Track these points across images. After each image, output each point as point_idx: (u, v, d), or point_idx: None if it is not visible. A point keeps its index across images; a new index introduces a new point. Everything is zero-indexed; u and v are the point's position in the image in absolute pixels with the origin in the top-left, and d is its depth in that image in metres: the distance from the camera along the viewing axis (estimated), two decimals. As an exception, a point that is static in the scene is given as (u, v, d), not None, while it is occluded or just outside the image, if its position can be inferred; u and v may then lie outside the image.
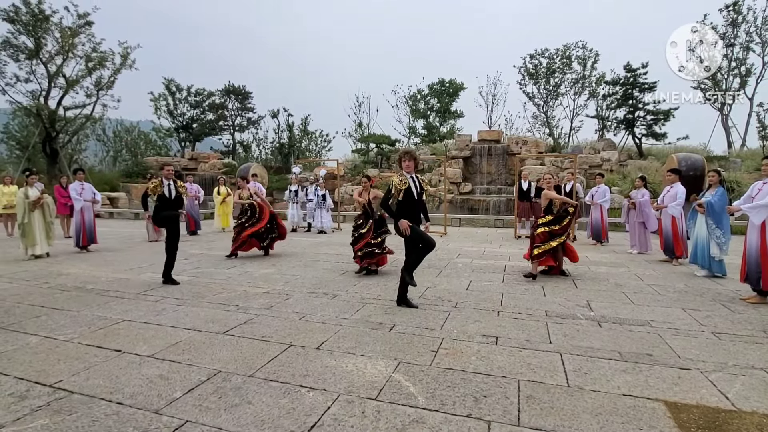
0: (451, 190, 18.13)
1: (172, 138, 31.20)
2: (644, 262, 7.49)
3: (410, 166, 4.60)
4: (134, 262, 7.62)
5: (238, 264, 7.37)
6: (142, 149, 30.60)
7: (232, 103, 31.54)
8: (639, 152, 19.74)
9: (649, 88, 19.02)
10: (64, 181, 11.45)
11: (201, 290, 5.51)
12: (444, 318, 4.30)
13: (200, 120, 30.62)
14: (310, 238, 11.33)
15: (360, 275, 6.39)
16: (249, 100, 31.81)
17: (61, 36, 21.98)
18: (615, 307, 4.71)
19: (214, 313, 4.50)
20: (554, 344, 3.59)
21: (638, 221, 8.51)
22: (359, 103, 28.70)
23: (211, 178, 22.12)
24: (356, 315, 4.42)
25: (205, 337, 3.77)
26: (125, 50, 23.73)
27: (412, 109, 28.46)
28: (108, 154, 30.33)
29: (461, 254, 8.38)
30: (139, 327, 4.05)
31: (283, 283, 5.92)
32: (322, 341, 3.66)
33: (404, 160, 4.60)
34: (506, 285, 5.79)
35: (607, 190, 9.99)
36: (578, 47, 24.54)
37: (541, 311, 4.54)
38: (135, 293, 5.35)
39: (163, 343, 3.62)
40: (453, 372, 3.07)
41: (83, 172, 9.54)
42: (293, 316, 4.36)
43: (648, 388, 2.83)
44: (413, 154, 4.65)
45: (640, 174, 10.82)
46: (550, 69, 24.99)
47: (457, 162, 19.51)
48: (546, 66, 25.04)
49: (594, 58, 24.42)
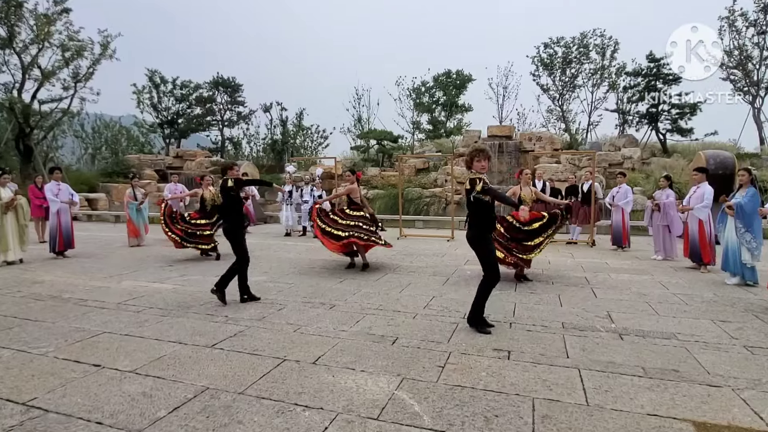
0: (459, 190, 18.11)
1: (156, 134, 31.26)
2: (669, 269, 7.47)
3: (485, 167, 4.23)
4: (115, 269, 7.63)
5: (228, 271, 7.37)
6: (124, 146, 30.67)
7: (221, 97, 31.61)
8: (663, 149, 19.71)
9: (674, 79, 19.02)
10: (39, 181, 11.49)
11: (187, 300, 5.50)
12: (451, 330, 4.29)
13: (186, 114, 30.69)
14: (306, 242, 11.33)
15: (353, 273, 6.38)
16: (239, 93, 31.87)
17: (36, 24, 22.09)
18: (638, 318, 4.70)
19: (202, 324, 4.50)
20: (572, 359, 3.58)
21: (662, 224, 8.49)
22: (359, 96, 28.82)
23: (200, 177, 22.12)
24: (356, 327, 4.41)
25: (191, 351, 3.76)
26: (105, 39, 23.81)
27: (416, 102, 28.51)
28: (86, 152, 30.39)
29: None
30: (120, 340, 4.05)
31: (276, 292, 5.91)
32: (318, 355, 3.66)
33: (477, 159, 4.21)
34: (519, 294, 5.78)
35: (629, 190, 9.98)
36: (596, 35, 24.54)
37: (558, 323, 4.53)
38: (115, 303, 5.35)
39: (146, 358, 3.62)
40: (461, 389, 3.06)
41: (60, 171, 9.56)
42: (287, 328, 4.36)
43: (674, 407, 2.82)
44: (488, 152, 4.29)
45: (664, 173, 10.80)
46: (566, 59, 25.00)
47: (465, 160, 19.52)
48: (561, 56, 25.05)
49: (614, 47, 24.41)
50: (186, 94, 30.49)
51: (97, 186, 22.52)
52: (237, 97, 31.93)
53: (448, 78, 28.69)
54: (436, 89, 28.83)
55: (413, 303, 5.31)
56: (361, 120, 28.79)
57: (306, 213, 12.73)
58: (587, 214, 10.80)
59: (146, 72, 29.73)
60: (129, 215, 10.68)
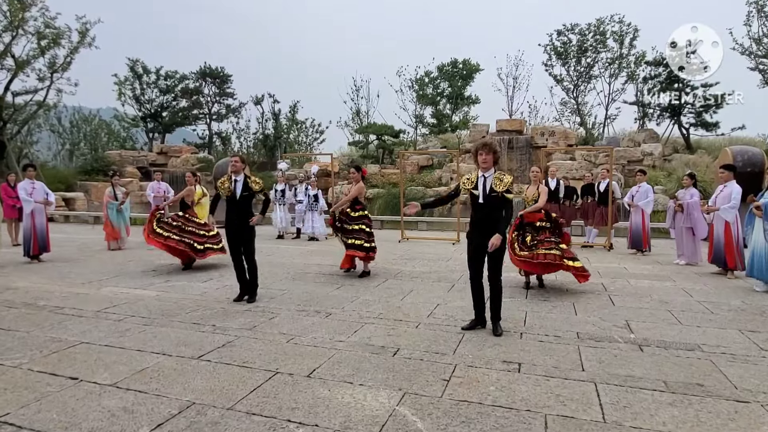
0: (465, 189, 18.12)
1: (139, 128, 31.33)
2: (693, 275, 7.47)
3: (487, 161, 4.37)
4: (93, 274, 7.63)
5: (216, 277, 7.38)
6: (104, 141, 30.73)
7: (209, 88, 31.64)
8: (686, 145, 19.72)
9: (698, 69, 19.02)
10: (12, 179, 11.49)
11: (171, 307, 5.50)
12: (457, 341, 4.29)
13: (171, 107, 30.74)
14: (300, 246, 11.34)
15: (351, 279, 6.38)
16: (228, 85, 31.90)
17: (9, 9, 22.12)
18: (659, 327, 4.69)
19: (187, 334, 4.50)
20: (587, 372, 3.57)
21: (686, 226, 8.49)
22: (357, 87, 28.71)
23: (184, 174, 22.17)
24: (354, 337, 4.41)
25: (176, 363, 3.76)
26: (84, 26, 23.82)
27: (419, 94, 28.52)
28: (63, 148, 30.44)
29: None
30: (99, 351, 4.05)
31: (267, 299, 5.91)
32: (313, 368, 3.66)
33: (480, 153, 4.39)
34: (530, 302, 5.77)
35: (650, 189, 9.98)
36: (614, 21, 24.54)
37: (572, 333, 4.52)
38: (94, 311, 5.35)
39: (127, 370, 3.62)
40: (468, 405, 3.06)
41: (34, 169, 9.57)
42: (280, 338, 4.36)
43: (699, 424, 2.82)
44: (493, 146, 4.40)
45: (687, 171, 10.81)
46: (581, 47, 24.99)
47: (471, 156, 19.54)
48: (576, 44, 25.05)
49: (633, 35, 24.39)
50: (171, 86, 30.54)
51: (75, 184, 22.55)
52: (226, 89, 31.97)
53: (453, 68, 28.69)
54: (440, 80, 28.84)
55: (416, 311, 5.31)
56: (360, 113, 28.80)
57: (300, 214, 12.74)
58: (604, 216, 10.80)
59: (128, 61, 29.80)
60: (107, 216, 10.67)
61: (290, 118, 30.71)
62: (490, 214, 4.38)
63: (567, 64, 25.54)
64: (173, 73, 30.60)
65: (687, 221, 8.46)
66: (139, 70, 29.72)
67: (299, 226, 12.86)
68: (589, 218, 11.20)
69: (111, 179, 11.57)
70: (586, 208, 11.23)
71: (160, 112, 30.25)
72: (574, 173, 16.47)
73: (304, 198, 12.54)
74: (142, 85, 29.90)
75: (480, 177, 4.46)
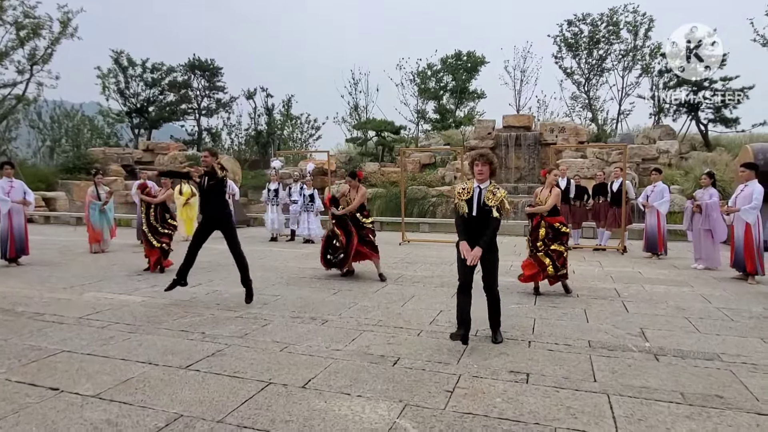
0: (470, 189, 18.14)
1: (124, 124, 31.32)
2: (712, 280, 7.48)
3: (483, 172, 4.46)
4: (75, 278, 7.63)
5: (205, 281, 7.38)
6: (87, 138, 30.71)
7: (198, 81, 31.70)
8: (705, 142, 19.74)
9: (718, 61, 19.04)
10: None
11: (158, 313, 5.51)
12: (461, 349, 4.30)
13: (158, 102, 30.77)
14: (294, 248, 11.34)
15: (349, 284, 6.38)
16: (218, 78, 31.95)
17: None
18: (676, 336, 4.70)
19: (175, 342, 4.50)
20: (600, 383, 3.58)
21: (704, 228, 8.49)
22: (355, 81, 28.74)
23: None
24: (351, 345, 4.41)
25: (163, 373, 3.76)
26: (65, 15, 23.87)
27: (420, 88, 28.55)
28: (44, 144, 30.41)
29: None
30: (82, 359, 4.05)
31: (260, 305, 5.91)
32: (309, 378, 3.66)
33: (476, 163, 4.47)
34: (539, 308, 5.78)
35: (666, 189, 9.99)
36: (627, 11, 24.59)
37: (584, 341, 4.53)
38: (76, 317, 5.35)
39: (111, 380, 3.62)
40: (473, 417, 3.06)
41: (12, 167, 9.56)
42: (273, 347, 4.36)
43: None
44: (489, 157, 4.50)
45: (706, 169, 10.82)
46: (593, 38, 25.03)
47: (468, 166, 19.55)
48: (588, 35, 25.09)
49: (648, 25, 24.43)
50: (157, 79, 30.57)
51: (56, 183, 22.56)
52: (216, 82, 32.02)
53: (458, 60, 28.73)
54: (444, 73, 28.88)
55: (417, 318, 5.31)
56: (358, 108, 28.83)
57: (295, 214, 12.74)
58: (617, 217, 10.80)
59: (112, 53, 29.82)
60: (89, 217, 10.66)
61: (284, 113, 30.73)
62: (481, 228, 4.44)
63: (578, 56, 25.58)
64: (160, 66, 30.64)
65: (705, 223, 8.46)
66: (124, 63, 29.76)
67: (294, 227, 12.86)
68: (601, 220, 11.19)
69: (94, 178, 11.55)
70: (598, 208, 11.23)
71: (146, 107, 30.27)
72: (586, 172, 16.48)
73: (298, 198, 12.54)
74: (127, 79, 29.93)
75: (475, 188, 4.51)
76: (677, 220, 13.02)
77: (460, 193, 4.56)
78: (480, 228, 4.43)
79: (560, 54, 25.75)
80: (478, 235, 4.41)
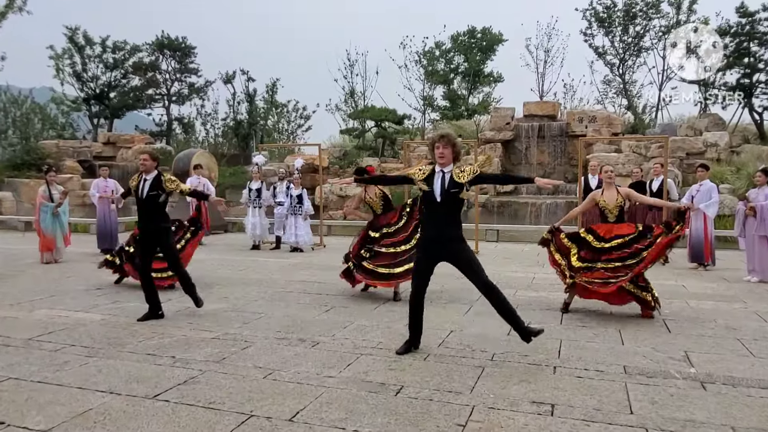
0: (485, 188, 18.19)
1: (81, 112, 31.36)
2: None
3: (444, 155, 4.63)
4: (23, 293, 7.63)
5: (175, 296, 7.37)
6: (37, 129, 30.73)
7: (168, 63, 31.80)
8: (759, 133, 19.75)
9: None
10: None
11: (121, 334, 5.50)
12: (475, 376, 4.29)
13: (120, 87, 30.83)
14: (280, 258, 11.34)
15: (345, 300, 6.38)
16: (191, 59, 32.05)
17: None
18: (726, 360, 4.69)
19: (141, 367, 4.50)
20: (637, 415, 3.57)
21: (759, 234, 8.49)
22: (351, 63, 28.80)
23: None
24: (347, 371, 4.41)
25: (126, 404, 3.76)
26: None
27: (427, 70, 28.61)
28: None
29: (500, 282, 8.27)
30: (31, 388, 4.04)
31: (240, 323, 5.91)
32: (296, 410, 3.65)
33: (437, 146, 4.64)
34: (566, 328, 5.77)
35: (714, 188, 10.00)
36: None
37: (618, 366, 4.52)
38: (24, 339, 5.34)
39: (66, 412, 3.61)
40: (489, 456, 3.05)
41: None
42: (255, 373, 4.36)
43: (775, 480, 2.82)
44: (451, 138, 4.69)
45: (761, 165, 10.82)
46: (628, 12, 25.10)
47: (493, 147, 19.60)
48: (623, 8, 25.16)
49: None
50: (120, 60, 30.61)
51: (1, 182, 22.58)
52: (188, 64, 32.09)
53: (471, 38, 28.82)
54: (454, 53, 28.97)
55: (424, 339, 5.29)
56: (355, 94, 28.88)
57: (281, 218, 12.73)
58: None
59: (66, 30, 29.84)
60: (39, 222, 10.66)
61: (268, 100, 30.77)
62: (449, 216, 4.62)
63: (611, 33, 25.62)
64: (122, 45, 30.66)
65: (760, 228, 8.46)
66: (81, 41, 29.78)
67: (279, 233, 12.84)
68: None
69: (46, 175, 11.56)
70: (635, 211, 11.23)
71: (106, 93, 30.30)
72: (621, 169, 16.49)
73: (285, 199, 12.54)
74: (84, 60, 29.95)
75: (437, 172, 4.65)
76: (728, 225, 13.03)
77: (416, 174, 4.75)
78: (448, 216, 4.61)
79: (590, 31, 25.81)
80: (446, 222, 4.60)
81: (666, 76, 25.57)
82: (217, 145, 29.89)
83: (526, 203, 17.14)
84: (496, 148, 19.56)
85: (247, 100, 30.14)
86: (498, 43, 28.90)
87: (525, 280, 8.56)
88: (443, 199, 4.60)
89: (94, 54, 30.18)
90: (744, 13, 19.70)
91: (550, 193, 18.30)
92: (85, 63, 30.03)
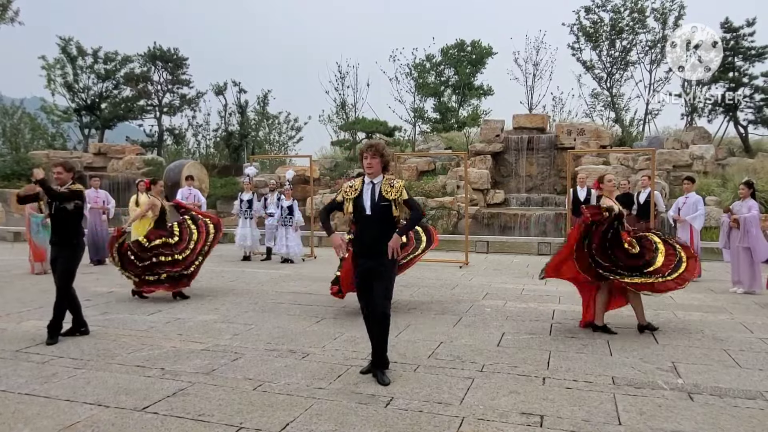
0: (475, 199, 18.26)
1: (72, 123, 31.23)
2: (754, 306, 7.53)
3: (372, 165, 4.53)
4: (12, 304, 7.57)
5: (165, 307, 7.34)
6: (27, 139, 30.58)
7: (159, 74, 31.74)
8: (744, 146, 19.97)
9: (758, 54, 19.35)
10: None
11: (110, 346, 5.46)
12: (465, 387, 4.30)
13: (112, 97, 30.74)
14: (270, 269, 11.30)
15: (335, 311, 6.37)
16: (183, 70, 32.03)
17: None
18: (713, 371, 4.72)
19: (130, 379, 4.47)
20: (626, 426, 3.58)
21: (743, 246, 8.56)
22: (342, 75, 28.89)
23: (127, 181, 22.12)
24: (337, 383, 4.40)
25: (115, 416, 3.73)
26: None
27: (418, 83, 28.77)
28: (-23, 147, 30.31)
29: (490, 294, 8.37)
30: (19, 400, 4.01)
31: (230, 335, 5.89)
32: (287, 422, 3.64)
33: (365, 155, 4.54)
34: (556, 339, 5.79)
35: (700, 200, 10.08)
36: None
37: (607, 377, 4.54)
38: (13, 350, 5.30)
39: (53, 425, 3.58)
40: (478, 467, 3.05)
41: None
42: (245, 385, 4.34)
43: (761, 490, 2.83)
44: (379, 148, 4.59)
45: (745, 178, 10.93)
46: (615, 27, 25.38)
47: (483, 159, 19.68)
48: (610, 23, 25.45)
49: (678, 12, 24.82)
50: (111, 70, 30.55)
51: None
52: (180, 75, 32.07)
53: (461, 51, 29.05)
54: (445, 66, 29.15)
55: (414, 351, 5.30)
56: (346, 106, 28.95)
57: (271, 229, 12.70)
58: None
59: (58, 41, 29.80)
60: (30, 233, 10.59)
61: (260, 111, 30.80)
62: (381, 229, 4.47)
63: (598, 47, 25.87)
64: (114, 55, 30.62)
65: (744, 240, 8.52)
66: (73, 51, 29.71)
67: (270, 244, 12.82)
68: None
69: (36, 186, 11.51)
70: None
71: (97, 103, 30.21)
72: (608, 181, 16.61)
73: (275, 210, 12.52)
74: (75, 70, 29.86)
75: (367, 184, 4.58)
76: (714, 237, 13.12)
77: (347, 192, 4.64)
78: (379, 231, 4.46)
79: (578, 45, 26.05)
80: (377, 236, 4.44)
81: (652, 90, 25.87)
82: (208, 156, 29.85)
83: (515, 215, 17.18)
84: (486, 160, 19.65)
85: (239, 111, 30.14)
86: (488, 56, 29.14)
87: (515, 292, 8.57)
88: (374, 212, 4.50)
89: (86, 64, 30.11)
90: (728, 28, 19.99)
91: (540, 204, 18.40)
92: (76, 73, 29.93)
